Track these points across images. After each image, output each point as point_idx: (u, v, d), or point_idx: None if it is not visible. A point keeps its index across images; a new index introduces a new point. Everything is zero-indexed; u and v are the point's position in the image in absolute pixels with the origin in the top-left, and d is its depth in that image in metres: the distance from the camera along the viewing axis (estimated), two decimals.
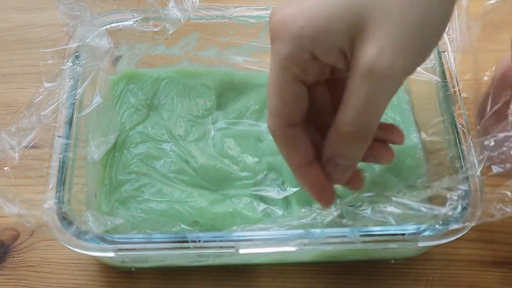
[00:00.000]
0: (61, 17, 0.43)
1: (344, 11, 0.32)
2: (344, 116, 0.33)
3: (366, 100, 0.32)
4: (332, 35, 0.32)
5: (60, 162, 0.39)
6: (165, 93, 0.49)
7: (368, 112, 0.33)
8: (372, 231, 0.37)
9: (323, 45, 0.32)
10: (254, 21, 0.47)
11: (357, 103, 0.32)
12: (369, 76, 0.31)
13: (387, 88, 0.32)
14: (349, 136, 0.34)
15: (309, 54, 0.33)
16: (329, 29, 0.32)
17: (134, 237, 0.38)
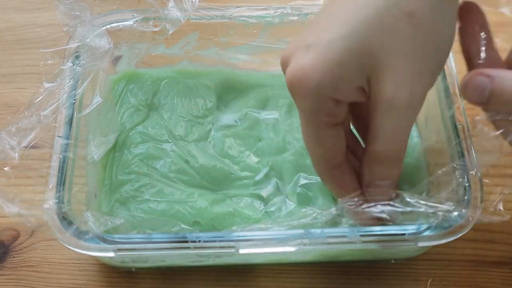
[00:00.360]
0: (61, 17, 0.43)
1: (355, 54, 0.33)
2: (376, 143, 0.36)
3: (394, 128, 0.35)
4: (349, 80, 0.34)
5: (60, 162, 0.39)
6: (165, 93, 0.49)
7: (397, 138, 0.35)
8: (372, 231, 0.37)
9: (343, 90, 0.34)
10: (254, 21, 0.47)
11: (387, 132, 0.35)
12: (391, 109, 0.34)
13: (409, 114, 0.34)
14: (384, 159, 0.36)
15: (333, 101, 0.34)
16: (346, 76, 0.33)
17: (134, 237, 0.38)
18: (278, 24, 0.48)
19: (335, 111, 0.35)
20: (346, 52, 0.33)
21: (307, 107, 0.35)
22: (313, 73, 0.33)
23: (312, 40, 0.34)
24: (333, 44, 0.33)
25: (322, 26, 0.34)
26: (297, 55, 0.34)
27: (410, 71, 0.33)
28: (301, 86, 0.34)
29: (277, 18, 0.47)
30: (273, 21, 0.47)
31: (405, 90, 0.33)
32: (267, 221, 0.43)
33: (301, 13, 0.47)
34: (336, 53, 0.33)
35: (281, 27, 0.48)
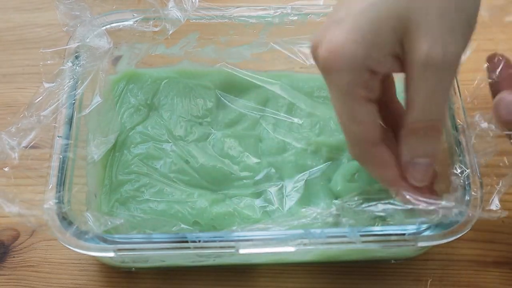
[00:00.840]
0: (61, 17, 0.43)
1: (386, 19, 0.33)
2: (414, 112, 0.35)
3: (430, 91, 0.34)
4: (382, 46, 0.33)
5: (60, 162, 0.39)
6: (165, 93, 0.49)
7: (436, 101, 0.34)
8: (372, 231, 0.37)
9: (378, 58, 0.34)
10: (254, 21, 0.47)
11: (423, 96, 0.34)
12: (427, 69, 0.33)
13: (446, 75, 0.34)
14: (422, 131, 0.35)
15: (368, 72, 0.34)
16: (379, 42, 0.33)
17: (134, 237, 0.38)
18: (278, 24, 0.48)
19: (371, 84, 0.35)
20: (377, 18, 0.33)
21: (343, 81, 0.34)
22: (349, 44, 0.33)
23: (342, 14, 0.34)
24: (363, 13, 0.33)
25: (346, 2, 0.35)
26: (329, 32, 0.34)
27: (442, 29, 0.33)
28: (337, 60, 0.33)
29: (277, 18, 0.47)
30: (273, 21, 0.47)
31: (438, 47, 0.33)
32: (267, 221, 0.43)
33: (301, 13, 0.47)
34: (367, 22, 0.33)
35: (281, 27, 0.48)
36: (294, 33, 0.48)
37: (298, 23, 0.47)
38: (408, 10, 0.33)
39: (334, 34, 0.34)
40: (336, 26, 0.34)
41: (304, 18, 0.47)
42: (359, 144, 0.37)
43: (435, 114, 0.35)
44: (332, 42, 0.34)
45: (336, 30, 0.34)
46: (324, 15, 0.47)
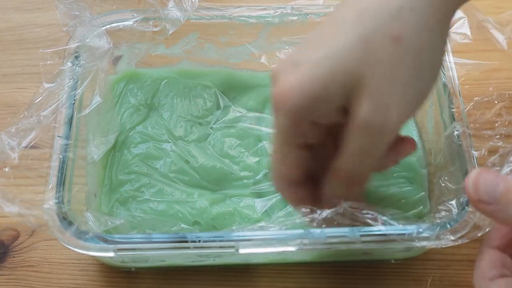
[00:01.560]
0: (61, 17, 0.43)
1: (337, 73, 0.33)
2: (341, 160, 0.35)
3: (360, 149, 0.34)
4: (328, 101, 0.33)
5: (60, 162, 0.39)
6: (165, 93, 0.49)
7: (361, 161, 0.35)
8: (372, 231, 0.37)
9: (321, 113, 0.34)
10: (254, 21, 0.47)
11: (352, 151, 0.34)
12: (364, 130, 0.33)
13: (380, 139, 0.34)
14: (344, 180, 0.36)
15: (309, 123, 0.34)
16: (325, 97, 0.33)
17: (134, 237, 0.38)
18: (278, 24, 0.48)
19: (311, 132, 0.35)
20: (330, 71, 0.33)
21: (282, 123, 0.34)
22: (295, 93, 0.33)
23: (301, 58, 0.34)
24: (319, 63, 0.33)
25: (311, 46, 0.35)
26: (285, 72, 0.34)
27: (389, 95, 0.33)
28: (282, 103, 0.34)
29: (277, 18, 0.47)
30: (273, 21, 0.47)
31: (380, 114, 0.32)
32: (267, 219, 0.43)
33: (301, 13, 0.47)
34: (321, 72, 0.33)
35: (281, 27, 0.48)
36: (294, 33, 0.48)
37: (298, 23, 0.47)
38: (360, 69, 0.32)
39: (287, 78, 0.34)
40: (292, 69, 0.34)
41: (304, 18, 0.47)
42: (280, 180, 0.38)
43: (359, 170, 0.35)
44: (282, 86, 0.34)
45: (291, 73, 0.34)
46: (324, 15, 0.47)
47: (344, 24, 0.34)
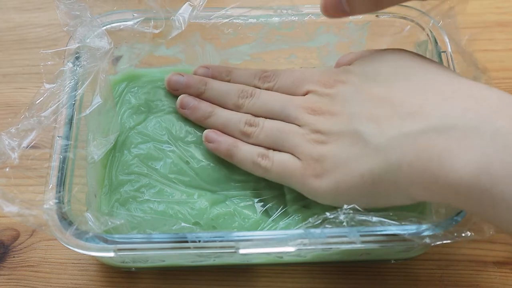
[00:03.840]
0: (61, 16, 0.43)
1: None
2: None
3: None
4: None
5: (60, 162, 0.39)
6: (165, 94, 0.49)
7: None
8: (372, 231, 0.37)
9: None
10: (254, 21, 0.47)
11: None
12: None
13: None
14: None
15: None
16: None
17: (134, 237, 0.38)
18: (278, 24, 0.48)
19: None
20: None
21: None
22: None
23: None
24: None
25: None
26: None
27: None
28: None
29: (277, 18, 0.47)
30: (273, 21, 0.47)
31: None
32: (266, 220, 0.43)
33: (301, 13, 0.47)
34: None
35: (281, 27, 0.48)
36: (293, 33, 0.48)
37: (298, 23, 0.47)
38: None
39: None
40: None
41: (304, 18, 0.47)
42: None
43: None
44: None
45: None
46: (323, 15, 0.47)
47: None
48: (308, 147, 0.40)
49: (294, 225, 0.42)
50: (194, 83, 0.47)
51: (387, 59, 0.40)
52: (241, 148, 0.43)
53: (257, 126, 0.43)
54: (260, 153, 0.42)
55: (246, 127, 0.43)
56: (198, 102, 0.46)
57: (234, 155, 0.44)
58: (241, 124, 0.44)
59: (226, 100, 0.45)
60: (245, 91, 0.45)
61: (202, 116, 0.46)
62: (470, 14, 0.58)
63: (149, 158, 0.46)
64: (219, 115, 0.45)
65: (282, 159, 0.41)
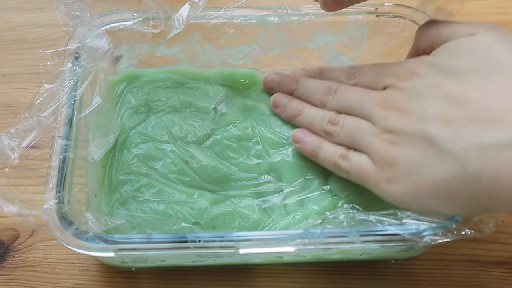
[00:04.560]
0: (61, 16, 0.43)
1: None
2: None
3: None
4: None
5: (60, 162, 0.39)
6: (165, 94, 0.49)
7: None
8: (372, 231, 0.37)
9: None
10: (254, 21, 0.47)
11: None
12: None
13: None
14: None
15: None
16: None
17: (134, 237, 0.38)
18: (278, 24, 0.48)
19: None
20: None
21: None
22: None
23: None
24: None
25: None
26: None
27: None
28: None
29: (277, 18, 0.47)
30: (273, 21, 0.47)
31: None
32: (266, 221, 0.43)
33: (301, 13, 0.47)
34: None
35: (281, 27, 0.48)
36: (293, 33, 0.48)
37: (298, 23, 0.47)
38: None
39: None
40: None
41: (304, 18, 0.47)
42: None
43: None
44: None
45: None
46: (324, 15, 0.47)
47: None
48: (380, 148, 0.38)
49: (294, 225, 0.42)
50: (287, 81, 0.47)
51: (469, 48, 0.36)
52: (324, 149, 0.43)
53: (338, 124, 0.42)
54: (340, 154, 0.41)
55: (328, 126, 0.43)
56: (289, 100, 0.47)
57: (318, 156, 0.43)
58: (324, 122, 0.43)
59: (314, 98, 0.45)
60: (330, 88, 0.44)
61: (292, 115, 0.46)
62: (470, 14, 0.58)
63: (149, 158, 0.46)
64: (307, 113, 0.45)
65: (358, 161, 0.40)
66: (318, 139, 0.44)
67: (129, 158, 0.46)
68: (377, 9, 0.47)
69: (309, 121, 0.45)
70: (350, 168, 0.40)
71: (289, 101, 0.47)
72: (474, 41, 0.36)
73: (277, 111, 0.48)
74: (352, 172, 0.40)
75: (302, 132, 0.45)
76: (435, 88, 0.36)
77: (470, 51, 0.36)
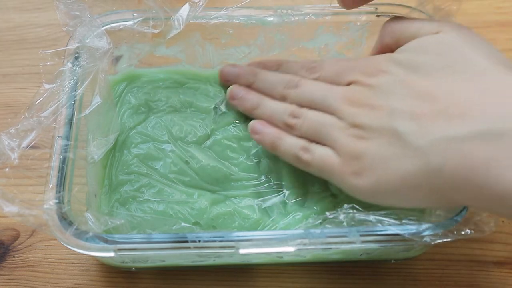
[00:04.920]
0: (61, 16, 0.43)
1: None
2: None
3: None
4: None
5: (60, 162, 0.39)
6: (165, 94, 0.49)
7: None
8: (372, 231, 0.37)
9: None
10: (254, 21, 0.47)
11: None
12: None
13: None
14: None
15: None
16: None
17: (134, 237, 0.38)
18: (278, 24, 0.48)
19: None
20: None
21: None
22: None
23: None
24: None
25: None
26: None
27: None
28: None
29: (277, 18, 0.47)
30: (273, 21, 0.47)
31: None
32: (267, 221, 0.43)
33: (301, 13, 0.47)
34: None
35: (281, 27, 0.48)
36: (293, 33, 0.48)
37: (298, 23, 0.47)
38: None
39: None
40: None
41: (304, 18, 0.47)
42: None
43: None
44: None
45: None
46: (324, 15, 0.47)
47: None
48: (347, 142, 0.38)
49: (294, 225, 0.42)
50: (245, 73, 0.47)
51: (434, 45, 0.37)
52: (285, 141, 0.42)
53: (300, 117, 0.42)
54: (302, 147, 0.41)
55: (290, 119, 0.42)
56: (246, 93, 0.46)
57: (277, 148, 0.43)
58: (285, 115, 0.43)
59: (274, 91, 0.45)
60: (291, 81, 0.44)
61: (250, 107, 0.46)
62: (471, 14, 0.58)
63: (149, 158, 0.46)
64: (265, 106, 0.45)
65: (322, 154, 0.40)
66: (278, 131, 0.43)
67: (129, 158, 0.46)
68: (377, 9, 0.47)
69: (268, 113, 0.44)
70: (312, 161, 0.40)
71: (246, 93, 0.46)
72: (439, 39, 0.37)
73: (235, 103, 0.47)
74: (315, 164, 0.40)
75: (260, 123, 0.44)
76: (402, 84, 0.37)
77: (435, 49, 0.37)
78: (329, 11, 0.47)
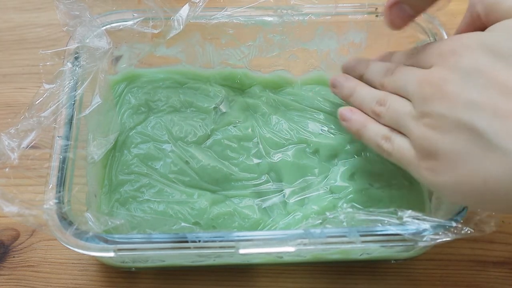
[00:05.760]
0: (61, 16, 0.43)
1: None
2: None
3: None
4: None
5: (60, 162, 0.39)
6: (165, 94, 0.49)
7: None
8: (372, 231, 0.37)
9: None
10: (254, 21, 0.47)
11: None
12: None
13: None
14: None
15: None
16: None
17: (134, 237, 0.38)
18: (278, 24, 0.47)
19: None
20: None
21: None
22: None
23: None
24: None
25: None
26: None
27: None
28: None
29: (277, 18, 0.47)
30: (273, 21, 0.47)
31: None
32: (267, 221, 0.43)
33: (301, 13, 0.47)
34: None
35: (281, 27, 0.48)
36: (293, 33, 0.48)
37: (298, 23, 0.47)
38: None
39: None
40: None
41: (304, 18, 0.47)
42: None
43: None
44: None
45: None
46: (324, 15, 0.47)
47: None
48: (420, 134, 0.35)
49: (294, 225, 0.42)
50: (358, 65, 0.45)
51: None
52: (368, 128, 0.41)
53: (385, 105, 0.40)
54: (384, 135, 0.39)
55: (376, 107, 0.40)
56: (344, 80, 0.45)
57: (362, 135, 0.41)
58: (373, 103, 0.41)
59: (376, 80, 0.43)
60: (389, 69, 0.41)
61: (346, 95, 0.44)
62: None
63: (149, 158, 0.46)
64: (359, 93, 0.43)
65: (400, 146, 0.38)
66: (365, 118, 0.41)
67: (129, 158, 0.46)
68: (377, 9, 0.47)
69: (359, 101, 0.43)
70: (392, 151, 0.38)
71: (344, 80, 0.45)
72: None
73: (335, 92, 0.45)
74: (394, 155, 0.38)
75: (349, 109, 0.43)
76: (485, 73, 0.32)
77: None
78: (329, 11, 0.47)
